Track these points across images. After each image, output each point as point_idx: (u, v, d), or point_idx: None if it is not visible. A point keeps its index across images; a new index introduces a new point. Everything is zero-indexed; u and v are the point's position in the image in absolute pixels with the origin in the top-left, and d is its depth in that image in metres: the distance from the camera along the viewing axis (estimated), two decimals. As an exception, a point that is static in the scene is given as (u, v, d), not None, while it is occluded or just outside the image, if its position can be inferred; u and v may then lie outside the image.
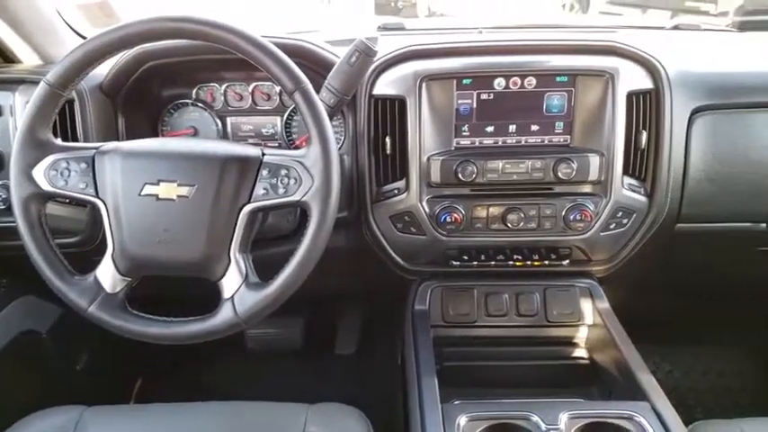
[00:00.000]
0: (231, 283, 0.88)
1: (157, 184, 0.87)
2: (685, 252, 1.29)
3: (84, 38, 1.28)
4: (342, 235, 1.22)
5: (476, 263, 1.22)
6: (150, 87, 1.22)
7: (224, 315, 0.88)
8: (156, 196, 0.87)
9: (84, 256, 1.10)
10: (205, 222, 0.87)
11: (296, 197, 0.86)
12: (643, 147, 1.14)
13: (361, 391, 1.73)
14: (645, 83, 1.13)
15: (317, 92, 0.92)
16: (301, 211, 1.12)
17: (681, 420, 0.92)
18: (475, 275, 1.24)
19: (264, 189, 0.88)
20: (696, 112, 1.14)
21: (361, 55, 1.00)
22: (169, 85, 1.24)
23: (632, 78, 1.12)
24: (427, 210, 1.15)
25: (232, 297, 0.88)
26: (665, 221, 1.17)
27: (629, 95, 1.12)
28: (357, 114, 1.14)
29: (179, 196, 0.87)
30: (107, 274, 0.90)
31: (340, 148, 1.20)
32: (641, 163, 1.15)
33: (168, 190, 0.87)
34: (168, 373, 1.80)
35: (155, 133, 1.25)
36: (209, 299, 0.90)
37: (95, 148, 0.91)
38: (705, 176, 1.15)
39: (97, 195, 0.89)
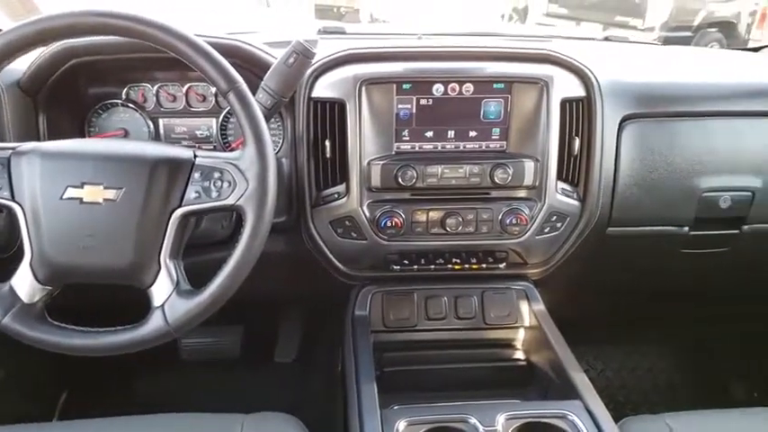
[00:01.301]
0: (161, 290, 0.85)
1: (81, 186, 0.83)
2: (616, 254, 1.33)
3: (-2, 31, 1.21)
4: (280, 240, 1.20)
5: (416, 267, 1.22)
6: (76, 86, 1.16)
7: (153, 324, 0.84)
8: (80, 200, 0.82)
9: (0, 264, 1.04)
10: (133, 227, 0.83)
11: (230, 201, 0.84)
12: (576, 153, 1.17)
13: (300, 400, 1.71)
14: (578, 91, 1.16)
15: (254, 93, 0.90)
16: (236, 216, 1.09)
17: (611, 417, 0.95)
18: (415, 279, 1.24)
19: (197, 193, 0.85)
20: (625, 119, 1.19)
21: (299, 56, 0.98)
22: (97, 84, 1.18)
23: (566, 86, 1.15)
24: (368, 214, 1.15)
25: (162, 305, 0.84)
26: (596, 225, 1.21)
27: (563, 103, 1.14)
28: (296, 117, 1.13)
29: (105, 200, 0.83)
30: (24, 283, 0.85)
31: (278, 152, 1.18)
32: (574, 168, 1.19)
33: (93, 193, 0.83)
34: (96, 387, 1.72)
35: (81, 135, 1.19)
36: (139, 308, 0.86)
37: (12, 149, 0.85)
38: (633, 182, 1.20)
39: (13, 199, 0.84)
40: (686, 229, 1.27)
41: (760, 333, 1.81)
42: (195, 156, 0.87)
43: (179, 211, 0.85)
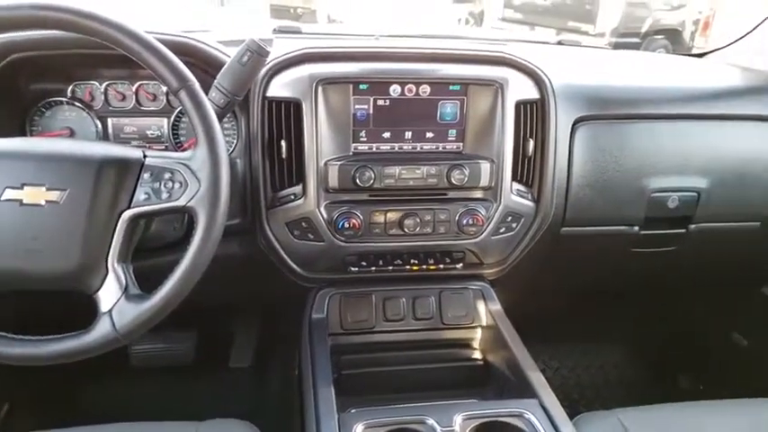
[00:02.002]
0: (109, 295, 0.82)
1: (21, 188, 0.79)
2: (569, 254, 1.36)
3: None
4: (234, 243, 1.17)
5: (374, 268, 1.21)
6: (16, 83, 1.10)
7: (101, 330, 0.81)
8: (20, 201, 0.79)
9: None
10: (79, 230, 0.80)
11: (181, 202, 0.82)
12: (530, 154, 1.19)
13: (256, 405, 1.68)
14: (532, 93, 1.18)
15: (206, 92, 0.88)
16: (188, 218, 1.07)
17: (566, 414, 0.96)
18: (373, 281, 1.24)
19: (146, 194, 0.82)
20: (578, 122, 1.21)
21: (253, 54, 0.96)
22: (40, 81, 1.13)
23: (520, 89, 1.16)
24: (325, 215, 1.14)
25: (110, 311, 0.81)
26: (550, 225, 1.23)
27: (518, 105, 1.16)
28: (250, 116, 1.11)
29: (48, 201, 0.79)
30: None
31: (232, 152, 1.16)
32: (529, 170, 1.20)
33: (35, 194, 0.79)
34: (39, 398, 1.65)
35: (22, 134, 1.14)
36: (85, 314, 0.83)
37: None
38: (586, 183, 1.23)
39: None
40: (636, 228, 1.31)
41: (704, 328, 1.87)
42: (145, 156, 0.85)
43: (128, 213, 0.82)
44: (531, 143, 1.18)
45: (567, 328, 1.92)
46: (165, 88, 1.15)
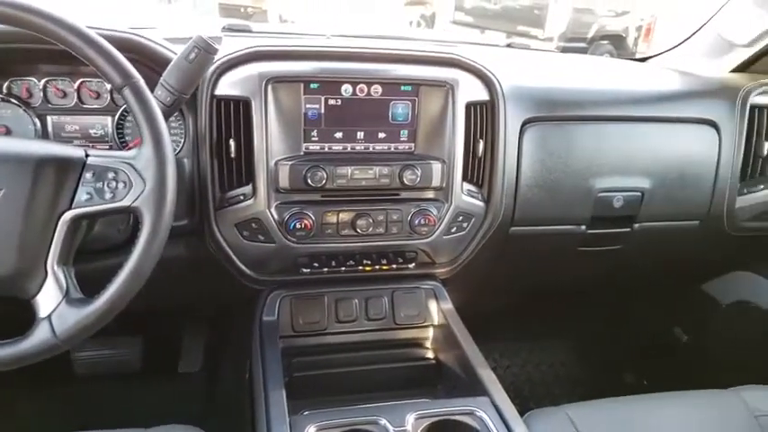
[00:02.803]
0: (48, 300, 0.79)
1: None
2: (519, 253, 1.38)
3: None
4: (182, 244, 1.14)
5: (326, 269, 1.20)
6: None
7: (39, 336, 0.78)
8: None
9: None
10: (15, 232, 0.77)
11: (125, 203, 0.79)
12: (480, 155, 1.20)
13: (206, 411, 1.65)
14: (482, 94, 1.19)
15: (152, 90, 0.86)
16: (134, 219, 1.03)
17: (516, 411, 0.98)
18: (325, 282, 1.23)
19: (88, 194, 0.79)
20: (526, 123, 1.23)
21: (200, 52, 0.94)
22: None
23: (470, 90, 1.18)
24: (276, 216, 1.12)
25: (49, 316, 0.78)
26: (500, 225, 1.25)
27: (468, 106, 1.17)
28: (198, 115, 1.08)
29: None
30: None
31: (179, 151, 1.12)
32: (479, 170, 1.22)
33: None
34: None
35: None
36: (24, 320, 0.80)
37: None
38: (534, 183, 1.25)
39: None
40: (583, 227, 1.34)
41: (648, 325, 1.94)
42: (87, 155, 0.82)
43: (68, 214, 0.79)
44: (481, 144, 1.20)
45: (517, 327, 1.95)
46: (108, 86, 1.11)
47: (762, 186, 1.43)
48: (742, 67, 1.52)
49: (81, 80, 1.11)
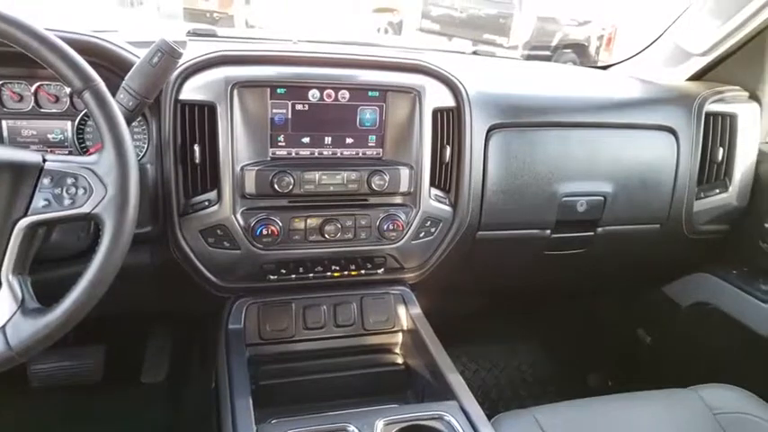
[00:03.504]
0: (2, 310, 0.76)
1: None
2: (486, 257, 1.40)
3: None
4: (145, 251, 1.12)
5: (294, 276, 1.19)
6: None
7: None
8: None
9: None
10: None
11: (85, 209, 0.77)
12: (447, 160, 1.21)
13: (171, 422, 1.61)
14: (448, 101, 1.20)
15: (114, 94, 0.84)
16: (94, 226, 1.01)
17: (485, 415, 0.98)
18: (292, 289, 1.22)
19: (46, 200, 0.77)
20: (492, 129, 1.25)
21: (164, 55, 0.92)
22: None
23: (437, 96, 1.19)
24: (242, 222, 1.11)
25: (3, 327, 0.75)
26: (467, 230, 1.26)
27: (435, 112, 1.18)
28: (161, 120, 1.06)
29: None
30: None
31: (143, 157, 1.10)
32: (446, 176, 1.23)
33: None
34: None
35: None
36: None
37: None
38: (500, 188, 1.26)
39: None
40: (548, 232, 1.36)
41: (612, 327, 1.98)
42: (45, 160, 0.79)
43: (24, 222, 0.77)
44: (448, 150, 1.20)
45: (485, 330, 1.97)
46: (68, 89, 1.09)
47: (717, 191, 1.48)
48: (698, 76, 1.58)
49: (38, 83, 1.08)
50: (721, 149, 1.45)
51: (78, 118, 1.10)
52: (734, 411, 1.16)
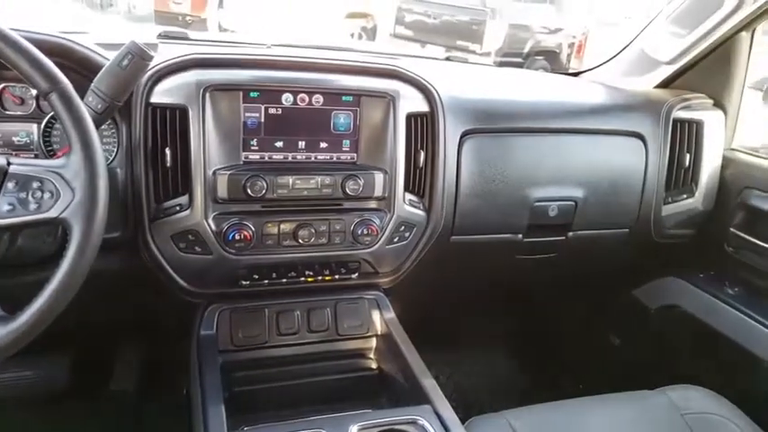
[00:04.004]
0: None
1: None
2: (459, 261, 1.40)
3: None
4: (114, 257, 1.10)
5: (267, 281, 1.18)
6: None
7: None
8: None
9: None
10: None
11: (52, 214, 0.76)
12: (421, 165, 1.22)
13: (140, 430, 1.58)
14: (422, 106, 1.21)
15: (83, 96, 0.82)
16: (62, 231, 0.99)
17: (459, 419, 0.98)
18: (265, 295, 1.21)
19: (10, 205, 0.75)
20: (465, 134, 1.26)
21: (134, 58, 0.91)
22: None
23: (411, 101, 1.19)
24: (213, 227, 1.09)
25: None
26: (441, 234, 1.27)
27: (409, 117, 1.18)
28: (132, 123, 1.05)
29: None
30: None
31: (112, 161, 1.08)
32: (420, 180, 1.23)
33: None
34: None
35: None
36: None
37: None
38: (473, 193, 1.27)
39: None
40: (520, 236, 1.37)
41: (582, 329, 2.00)
42: (9, 163, 0.77)
43: None
44: (422, 155, 1.21)
45: (459, 335, 1.97)
46: (34, 91, 1.06)
47: (685, 195, 1.51)
48: (665, 83, 1.61)
49: (3, 85, 1.05)
50: (688, 155, 1.48)
51: (45, 121, 1.08)
52: (701, 412, 1.18)
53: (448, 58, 1.84)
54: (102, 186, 0.77)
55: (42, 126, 1.08)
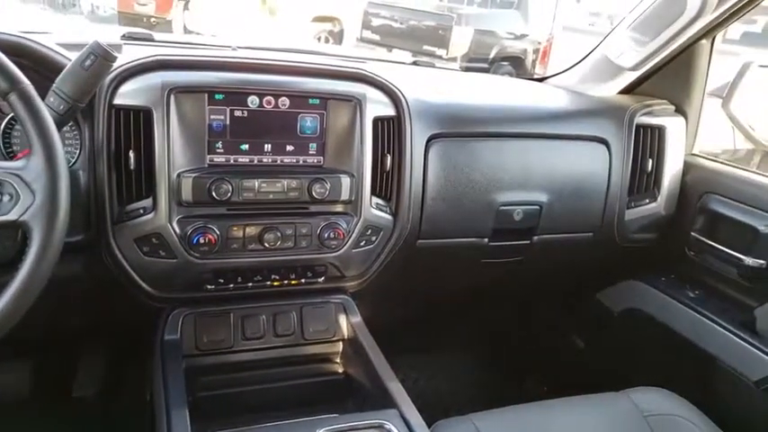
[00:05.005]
0: None
1: None
2: (426, 265, 1.41)
3: None
4: (76, 261, 1.08)
5: (232, 285, 1.17)
6: None
7: None
8: None
9: None
10: None
11: (11, 217, 0.74)
12: (388, 169, 1.22)
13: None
14: (388, 110, 1.21)
15: (43, 97, 0.81)
16: (22, 235, 0.96)
17: (424, 422, 0.99)
18: (231, 299, 1.20)
19: None
20: (432, 138, 1.26)
21: (97, 58, 0.89)
22: None
23: (378, 105, 1.19)
24: (178, 230, 1.08)
25: None
26: (407, 238, 1.27)
27: (375, 121, 1.19)
28: (95, 125, 1.03)
29: None
30: None
31: (74, 163, 1.06)
32: (387, 184, 1.24)
33: None
34: None
35: None
36: None
37: None
38: (439, 196, 1.28)
39: None
40: (486, 240, 1.39)
41: (547, 332, 2.03)
42: None
43: None
44: (389, 158, 1.21)
45: (426, 338, 1.98)
46: None
47: (647, 200, 1.54)
48: (628, 89, 1.64)
49: None
50: (651, 160, 1.51)
51: (5, 122, 1.05)
52: (663, 413, 1.21)
53: (415, 63, 1.85)
54: (63, 188, 0.76)
55: (2, 127, 1.04)
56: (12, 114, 1.04)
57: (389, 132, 1.21)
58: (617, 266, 1.68)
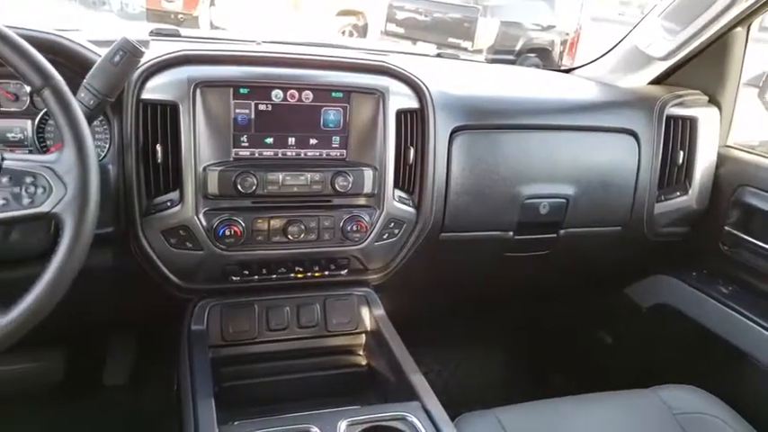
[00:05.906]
0: None
1: None
2: (449, 259, 1.40)
3: None
4: (106, 253, 1.10)
5: (257, 277, 1.19)
6: None
7: None
8: None
9: None
10: None
11: (44, 208, 0.76)
12: (411, 162, 1.22)
13: (133, 425, 1.58)
14: (412, 102, 1.21)
15: (74, 93, 0.82)
16: (55, 226, 0.99)
17: (448, 416, 0.99)
18: (255, 290, 1.21)
19: (4, 199, 0.76)
20: (455, 131, 1.26)
21: (125, 54, 0.91)
22: None
23: (401, 98, 1.19)
24: (204, 223, 1.10)
25: None
26: (431, 231, 1.27)
27: (398, 113, 1.18)
28: (123, 120, 1.05)
29: None
30: None
31: (104, 157, 1.08)
32: (410, 177, 1.23)
33: None
34: None
35: None
36: None
37: None
38: (463, 190, 1.27)
39: None
40: (510, 233, 1.37)
41: (573, 327, 2.01)
42: (3, 158, 0.78)
43: None
44: (412, 151, 1.21)
45: (449, 331, 1.98)
46: (28, 87, 1.06)
47: (678, 193, 1.50)
48: (659, 80, 1.60)
49: None
50: (682, 153, 1.48)
51: (39, 117, 1.08)
52: (693, 411, 1.18)
53: (439, 55, 1.84)
54: (93, 182, 0.77)
55: (36, 122, 1.08)
56: (45, 109, 1.07)
57: (413, 125, 1.21)
58: (646, 261, 1.65)
